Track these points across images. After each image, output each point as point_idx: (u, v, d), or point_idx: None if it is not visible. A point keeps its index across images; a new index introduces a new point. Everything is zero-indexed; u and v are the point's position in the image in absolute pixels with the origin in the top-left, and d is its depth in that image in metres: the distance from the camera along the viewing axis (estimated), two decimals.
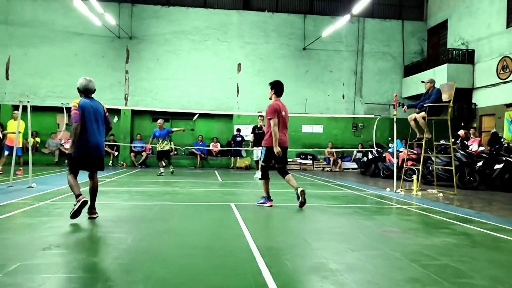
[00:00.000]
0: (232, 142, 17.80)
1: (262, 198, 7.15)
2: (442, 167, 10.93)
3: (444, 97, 9.53)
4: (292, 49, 19.13)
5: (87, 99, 5.49)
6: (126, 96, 18.19)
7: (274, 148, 6.59)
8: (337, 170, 18.08)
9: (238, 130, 17.97)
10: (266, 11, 19.09)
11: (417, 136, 10.13)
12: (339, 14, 18.39)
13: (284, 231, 5.09)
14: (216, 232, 4.98)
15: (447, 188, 10.29)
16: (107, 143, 16.88)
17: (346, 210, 6.85)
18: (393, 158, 12.64)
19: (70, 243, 4.15)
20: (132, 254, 3.83)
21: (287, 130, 7.00)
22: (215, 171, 15.79)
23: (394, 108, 10.21)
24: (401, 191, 9.58)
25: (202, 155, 18.07)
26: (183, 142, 18.52)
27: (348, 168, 18.43)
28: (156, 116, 18.80)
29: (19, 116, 9.13)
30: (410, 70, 19.03)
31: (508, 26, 14.82)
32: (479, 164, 10.95)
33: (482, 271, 3.54)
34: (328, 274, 3.33)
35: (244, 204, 7.25)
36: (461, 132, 12.69)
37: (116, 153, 17.67)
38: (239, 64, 18.86)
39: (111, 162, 17.34)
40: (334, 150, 18.33)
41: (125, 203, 6.97)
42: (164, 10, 18.52)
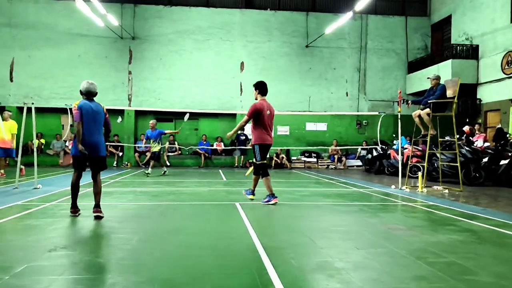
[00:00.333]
0: (236, 141, 17.81)
1: (266, 196, 7.16)
2: (447, 163, 10.87)
3: (449, 93, 9.48)
4: (295, 47, 19.10)
5: (87, 100, 5.65)
6: (130, 96, 18.24)
7: (228, 135, 7.34)
8: (341, 167, 18.05)
9: (242, 129, 17.96)
10: (269, 9, 19.07)
11: (421, 133, 10.08)
12: (341, 11, 18.31)
13: (289, 229, 5.09)
14: (221, 231, 4.99)
15: (453, 184, 10.24)
16: (111, 143, 16.95)
17: (351, 208, 6.84)
18: (397, 155, 12.59)
19: (76, 244, 4.17)
20: (138, 254, 3.84)
21: (271, 128, 7.25)
22: (220, 170, 15.81)
23: (398, 105, 10.17)
24: (406, 188, 9.55)
25: (206, 155, 18.09)
26: (187, 142, 18.58)
27: (353, 166, 18.40)
28: (160, 116, 18.86)
29: (27, 114, 9.17)
30: (414, 66, 18.95)
31: None
32: (485, 160, 10.89)
33: (487, 267, 3.52)
34: (334, 273, 3.33)
35: (249, 203, 7.24)
36: (466, 128, 12.62)
37: (120, 153, 17.72)
38: (242, 63, 18.86)
39: (115, 162, 17.41)
40: (338, 147, 18.30)
41: (130, 203, 6.99)
42: (166, 10, 18.54)
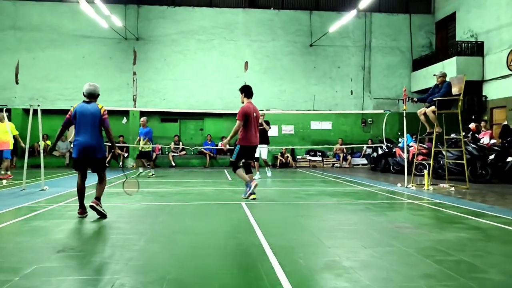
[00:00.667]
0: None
1: (246, 186, 7.61)
2: (453, 161, 10.81)
3: (454, 90, 9.43)
4: (299, 46, 19.08)
5: (86, 103, 5.72)
6: (135, 97, 18.29)
7: (222, 143, 7.53)
8: (347, 166, 18.01)
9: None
10: (272, 8, 19.05)
11: (427, 131, 10.04)
12: (345, 9, 18.26)
13: (296, 229, 5.08)
14: (228, 231, 4.99)
15: (459, 182, 10.19)
16: (116, 144, 16.98)
17: (358, 206, 6.82)
18: (403, 153, 12.54)
19: (84, 245, 4.20)
20: (146, 255, 3.85)
21: (257, 129, 7.61)
22: (225, 170, 15.82)
23: (403, 103, 10.13)
24: (412, 186, 9.51)
25: (211, 154, 18.12)
26: (193, 142, 18.61)
27: (358, 164, 18.35)
28: (165, 116, 18.94)
29: (35, 116, 9.23)
30: (419, 64, 18.86)
31: None
32: (491, 157, 10.82)
33: (497, 265, 3.50)
34: (342, 272, 3.32)
35: (254, 202, 7.25)
36: (472, 125, 12.55)
37: (126, 154, 17.78)
38: (246, 63, 18.86)
39: (121, 163, 17.46)
40: (343, 146, 18.26)
41: (137, 204, 7.01)
42: (170, 11, 18.57)
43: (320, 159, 18.47)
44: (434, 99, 9.33)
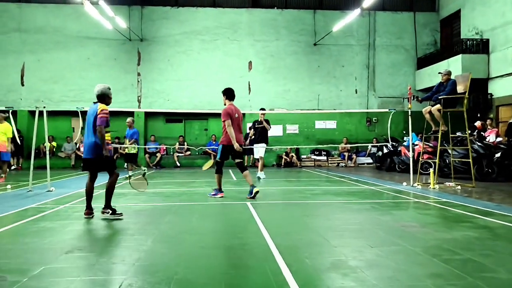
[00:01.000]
0: (245, 141, 17.81)
1: (214, 190, 7.93)
2: (459, 159, 10.77)
3: (459, 88, 9.38)
4: (302, 45, 19.05)
5: (94, 104, 5.87)
6: (139, 98, 18.34)
7: (234, 145, 7.51)
8: (352, 165, 17.97)
9: (251, 129, 17.97)
10: (275, 8, 19.04)
11: (432, 129, 10.00)
12: (349, 8, 18.21)
13: (302, 228, 5.08)
14: (234, 231, 5.00)
15: (465, 180, 10.14)
16: (122, 145, 17.07)
17: (363, 206, 6.81)
18: (408, 151, 12.50)
19: (92, 245, 4.22)
20: (153, 255, 3.87)
21: (241, 129, 7.91)
22: (229, 170, 15.82)
23: (408, 101, 10.09)
24: (418, 185, 9.48)
25: (216, 154, 18.11)
26: (197, 142, 18.65)
27: (363, 163, 18.30)
28: (170, 117, 18.98)
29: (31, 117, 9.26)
30: (424, 62, 18.77)
31: None
32: (497, 155, 10.76)
33: (506, 264, 3.48)
34: (349, 271, 3.32)
35: (259, 202, 7.25)
36: (477, 124, 12.48)
37: None
38: (250, 62, 18.86)
39: (126, 164, 17.50)
40: (348, 145, 18.22)
41: (143, 205, 7.04)
42: (173, 11, 18.61)
43: (325, 158, 18.44)
44: (440, 97, 9.29)
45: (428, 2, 19.73)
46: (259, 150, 11.91)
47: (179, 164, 17.65)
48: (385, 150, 14.99)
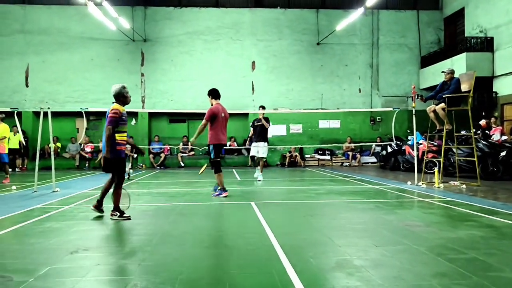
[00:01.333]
0: (248, 140, 17.82)
1: (218, 190, 7.95)
2: (464, 158, 10.72)
3: (464, 87, 9.35)
4: (305, 44, 19.03)
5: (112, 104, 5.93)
6: (143, 98, 18.38)
7: (192, 139, 8.06)
8: (356, 164, 17.93)
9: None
10: (278, 7, 19.02)
11: (437, 128, 9.97)
12: (352, 7, 18.18)
13: (306, 228, 5.08)
14: (238, 231, 5.00)
15: (470, 179, 10.09)
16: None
17: (368, 205, 6.79)
18: (413, 150, 12.46)
19: (97, 246, 4.23)
20: (158, 255, 3.88)
21: (226, 129, 8.16)
22: (233, 170, 15.85)
23: (412, 100, 10.06)
24: (422, 184, 9.45)
25: (220, 155, 18.12)
26: (201, 142, 18.63)
27: (367, 162, 18.26)
28: (173, 117, 19.01)
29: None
30: (427, 60, 18.70)
31: None
32: (502, 154, 10.71)
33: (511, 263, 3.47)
34: (353, 271, 3.31)
35: (264, 202, 7.26)
36: (482, 122, 12.43)
37: (135, 155, 17.88)
38: (253, 62, 18.86)
39: (130, 164, 17.56)
40: (352, 144, 18.19)
41: (147, 205, 7.06)
42: (176, 12, 18.64)
43: (328, 157, 18.41)
44: (444, 96, 9.26)
45: (431, 0, 19.65)
46: (259, 150, 11.31)
47: (183, 164, 17.69)
48: (389, 149, 14.95)
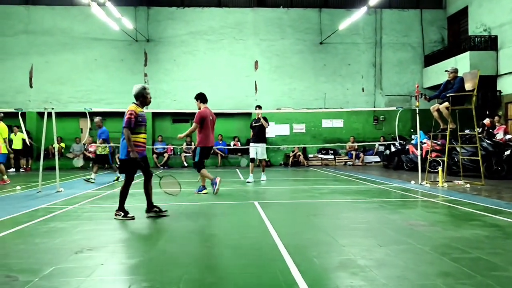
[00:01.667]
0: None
1: (211, 185, 8.25)
2: (468, 157, 10.68)
3: (468, 86, 9.31)
4: (308, 44, 19.01)
5: None
6: None
7: (179, 135, 8.26)
8: (359, 164, 17.90)
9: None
10: (281, 7, 19.01)
11: (440, 127, 9.93)
12: (355, 6, 18.15)
13: (310, 228, 5.08)
14: (242, 231, 5.01)
15: (474, 178, 10.07)
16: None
17: (371, 204, 6.79)
18: (416, 150, 12.43)
19: (101, 246, 4.24)
20: (163, 255, 3.89)
21: (213, 132, 8.52)
22: (236, 169, 15.87)
23: (416, 99, 10.03)
24: (426, 183, 9.42)
25: (223, 154, 18.17)
26: None
27: (371, 162, 18.23)
28: (177, 117, 19.04)
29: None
30: (431, 59, 18.65)
31: None
32: (507, 152, 10.66)
33: None
34: (357, 271, 3.31)
35: (267, 201, 7.26)
36: (486, 121, 12.38)
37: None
38: (256, 62, 18.86)
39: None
40: (355, 144, 18.17)
41: None
42: (179, 12, 18.66)
43: (332, 157, 18.39)
44: (448, 95, 9.23)
45: None
46: (258, 150, 10.90)
47: (186, 164, 17.71)
48: (392, 149, 14.92)
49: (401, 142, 14.25)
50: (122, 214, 5.64)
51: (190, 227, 5.23)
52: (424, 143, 12.92)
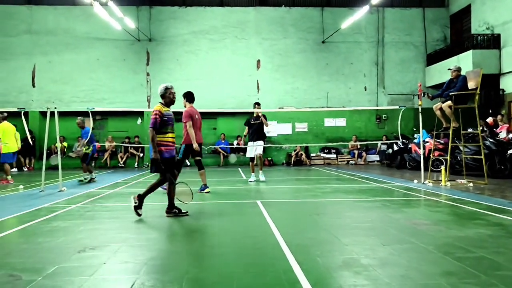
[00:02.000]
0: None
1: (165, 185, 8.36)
2: (471, 156, 10.64)
3: (471, 84, 9.28)
4: (311, 43, 18.98)
5: None
6: (149, 98, 18.43)
7: (193, 145, 8.00)
8: (362, 163, 17.88)
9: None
10: (283, 6, 18.98)
11: (443, 126, 9.91)
12: (357, 5, 18.10)
13: (312, 227, 5.07)
14: (245, 230, 5.00)
15: (477, 177, 10.03)
16: (132, 145, 17.20)
17: (374, 203, 6.77)
18: (419, 149, 12.40)
19: (104, 245, 4.25)
20: (165, 254, 3.89)
21: (200, 129, 8.55)
22: (239, 169, 15.86)
23: (418, 98, 10.00)
24: (429, 182, 9.40)
25: (225, 153, 18.17)
26: (206, 141, 18.67)
27: (373, 161, 18.20)
28: (179, 116, 18.99)
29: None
30: (433, 58, 18.59)
31: None
32: (510, 151, 10.62)
33: None
34: (361, 270, 3.30)
35: (269, 200, 7.26)
36: (489, 120, 12.34)
37: (141, 154, 17.97)
38: (258, 61, 18.85)
39: (136, 163, 17.66)
40: (358, 143, 18.13)
41: (154, 204, 7.07)
42: (181, 11, 18.66)
43: (334, 156, 18.37)
44: (451, 93, 9.20)
45: None
46: (256, 148, 10.57)
47: (188, 163, 17.71)
48: (395, 148, 14.89)
49: (403, 141, 14.23)
50: (176, 212, 5.76)
51: (192, 226, 5.23)
52: (427, 142, 12.89)
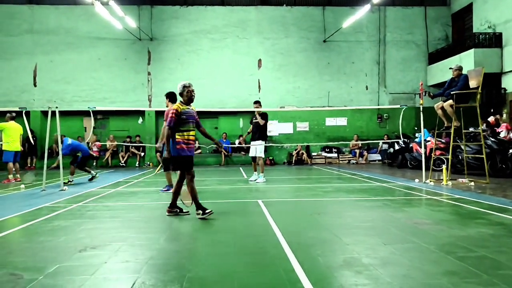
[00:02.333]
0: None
1: (166, 186, 8.68)
2: (472, 155, 10.62)
3: (472, 83, 9.26)
4: (312, 42, 18.96)
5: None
6: (150, 97, 18.44)
7: (156, 144, 7.71)
8: (363, 162, 17.86)
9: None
10: (284, 5, 18.96)
11: (444, 125, 9.89)
12: (358, 4, 18.06)
13: (313, 226, 5.06)
14: (246, 229, 5.00)
15: (478, 176, 10.01)
16: (133, 144, 17.20)
17: (375, 203, 6.76)
18: (420, 148, 12.38)
19: (105, 244, 4.25)
20: (166, 253, 3.89)
21: None
22: (240, 168, 15.86)
23: (420, 97, 9.98)
24: (430, 181, 9.38)
25: (226, 153, 18.17)
26: (208, 141, 18.65)
27: (375, 160, 18.18)
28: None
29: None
30: (435, 57, 18.55)
31: None
32: (511, 150, 10.59)
33: None
34: (362, 269, 3.29)
35: (271, 200, 7.25)
36: (491, 119, 12.31)
37: (142, 153, 17.98)
38: (260, 60, 18.83)
39: (137, 162, 17.68)
40: (359, 142, 18.11)
41: (155, 203, 7.08)
42: (182, 10, 18.66)
43: (335, 155, 18.35)
44: (452, 92, 9.17)
45: None
46: (256, 148, 10.35)
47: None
48: (396, 147, 14.86)
49: (405, 140, 14.20)
50: (201, 213, 5.57)
51: (193, 225, 5.23)
52: (428, 141, 12.86)
